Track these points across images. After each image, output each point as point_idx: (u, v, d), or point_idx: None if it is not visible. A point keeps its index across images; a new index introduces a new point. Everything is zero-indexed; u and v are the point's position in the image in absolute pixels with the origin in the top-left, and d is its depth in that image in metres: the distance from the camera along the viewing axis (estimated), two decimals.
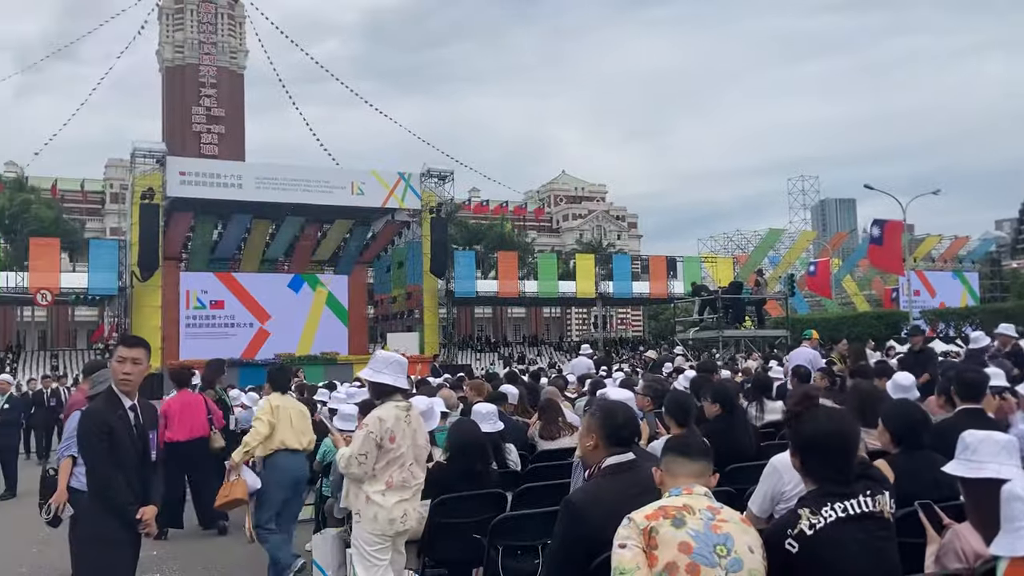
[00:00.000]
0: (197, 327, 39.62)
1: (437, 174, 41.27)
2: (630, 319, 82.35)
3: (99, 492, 4.60)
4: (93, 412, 4.71)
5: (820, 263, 49.84)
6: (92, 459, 4.66)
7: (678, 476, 3.06)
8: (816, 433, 3.08)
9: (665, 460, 3.16)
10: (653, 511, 2.85)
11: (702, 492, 2.95)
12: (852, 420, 3.30)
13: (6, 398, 14.03)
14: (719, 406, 6.40)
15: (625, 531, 2.83)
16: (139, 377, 4.74)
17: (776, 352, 20.99)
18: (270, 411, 7.13)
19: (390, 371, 5.03)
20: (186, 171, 36.75)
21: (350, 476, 4.95)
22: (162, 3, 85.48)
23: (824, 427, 3.10)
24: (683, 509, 2.84)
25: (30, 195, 59.22)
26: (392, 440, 4.93)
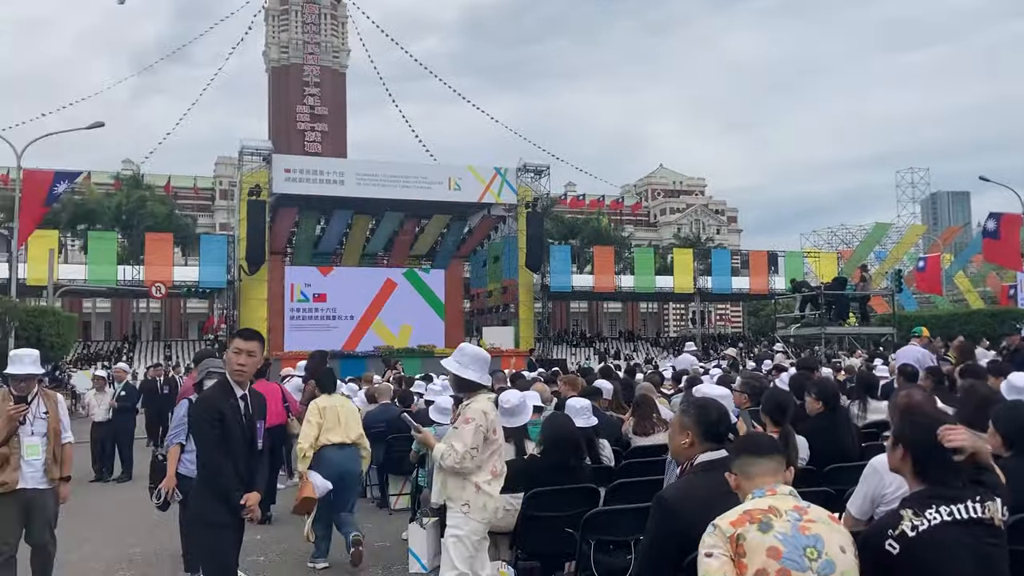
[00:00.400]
0: (301, 319, 40.77)
1: (533, 169, 41.37)
2: (729, 315, 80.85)
3: (208, 477, 4.82)
4: (206, 399, 4.99)
5: (930, 258, 47.79)
6: (202, 445, 4.89)
7: (754, 477, 2.98)
8: (928, 432, 2.97)
9: (737, 463, 3.08)
10: (738, 516, 2.77)
11: (787, 491, 2.88)
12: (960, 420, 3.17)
13: (123, 386, 14.75)
14: (822, 403, 6.26)
15: (711, 539, 2.77)
16: (252, 368, 4.98)
17: (881, 350, 20.28)
18: (317, 413, 7.71)
19: (476, 367, 5.14)
20: (291, 168, 37.89)
21: (463, 470, 4.93)
22: (268, 5, 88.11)
23: (933, 426, 2.99)
24: (769, 512, 2.76)
25: (145, 192, 62.00)
26: (494, 432, 5.09)
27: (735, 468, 3.08)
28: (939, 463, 2.89)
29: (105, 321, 69.99)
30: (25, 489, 5.95)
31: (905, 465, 3.00)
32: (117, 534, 9.72)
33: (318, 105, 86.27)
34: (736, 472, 3.07)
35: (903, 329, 24.91)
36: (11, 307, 24.77)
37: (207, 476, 4.82)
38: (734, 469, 3.08)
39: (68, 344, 31.69)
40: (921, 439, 2.97)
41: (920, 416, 3.11)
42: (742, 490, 3.01)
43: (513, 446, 6.12)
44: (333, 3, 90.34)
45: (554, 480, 5.42)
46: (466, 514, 4.95)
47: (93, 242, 43.84)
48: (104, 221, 55.61)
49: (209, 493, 4.79)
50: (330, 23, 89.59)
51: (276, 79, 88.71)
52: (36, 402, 6.18)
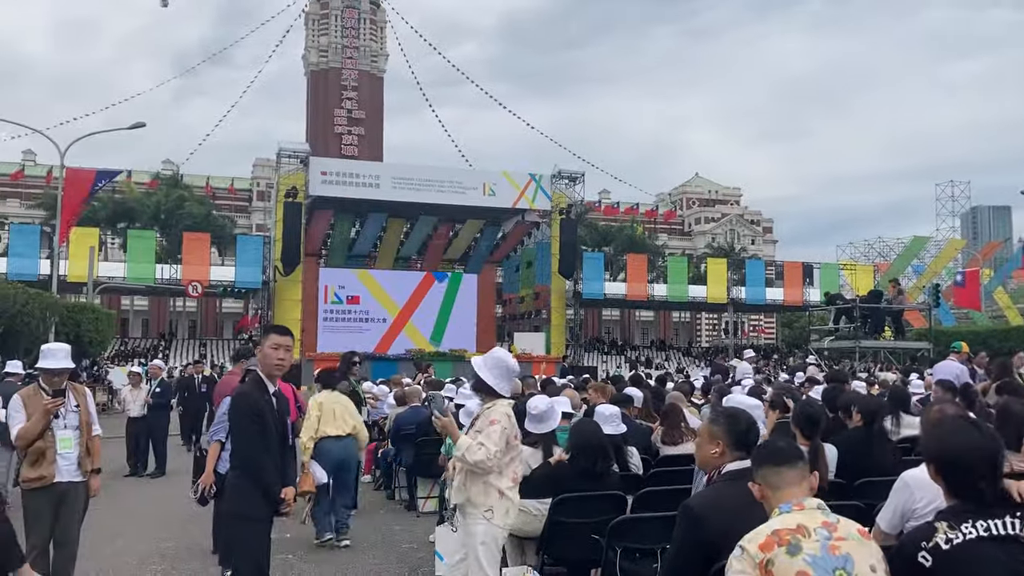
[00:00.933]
0: (334, 321, 41.05)
1: (568, 175, 41.35)
2: (763, 326, 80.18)
3: (250, 472, 4.81)
4: (246, 395, 4.92)
5: (969, 273, 47.08)
6: (244, 440, 4.87)
7: (780, 488, 2.95)
8: (960, 446, 2.89)
9: (762, 473, 3.04)
10: (766, 539, 2.72)
11: (815, 505, 2.83)
12: (996, 436, 3.10)
13: (158, 382, 14.98)
14: (861, 417, 6.22)
15: (739, 563, 2.73)
16: (289, 363, 5.05)
17: (916, 365, 20.00)
18: (316, 408, 8.46)
19: (497, 373, 5.03)
20: (327, 171, 38.20)
21: (485, 470, 4.81)
22: (308, 9, 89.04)
23: (967, 440, 2.90)
24: (797, 531, 2.71)
25: (184, 192, 62.87)
26: (516, 437, 5.03)
27: (759, 478, 3.05)
28: (965, 480, 2.84)
29: (142, 318, 71.07)
30: (60, 482, 5.97)
31: (938, 480, 2.96)
32: (150, 528, 9.86)
33: (355, 109, 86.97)
34: (760, 482, 3.04)
35: (940, 344, 24.56)
36: (52, 303, 25.23)
37: (250, 471, 4.80)
38: (758, 479, 3.05)
39: (106, 340, 32.23)
40: (946, 456, 2.90)
41: (944, 431, 3.04)
42: (767, 501, 2.97)
43: (541, 452, 6.14)
44: (372, 8, 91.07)
45: (581, 486, 5.42)
46: (489, 520, 4.87)
47: (132, 240, 44.53)
48: (143, 220, 56.48)
49: (249, 488, 4.78)
50: (369, 28, 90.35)
51: (315, 82, 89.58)
52: (67, 396, 6.22)
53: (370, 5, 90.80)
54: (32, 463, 5.90)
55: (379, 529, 9.56)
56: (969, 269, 49.99)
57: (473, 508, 4.91)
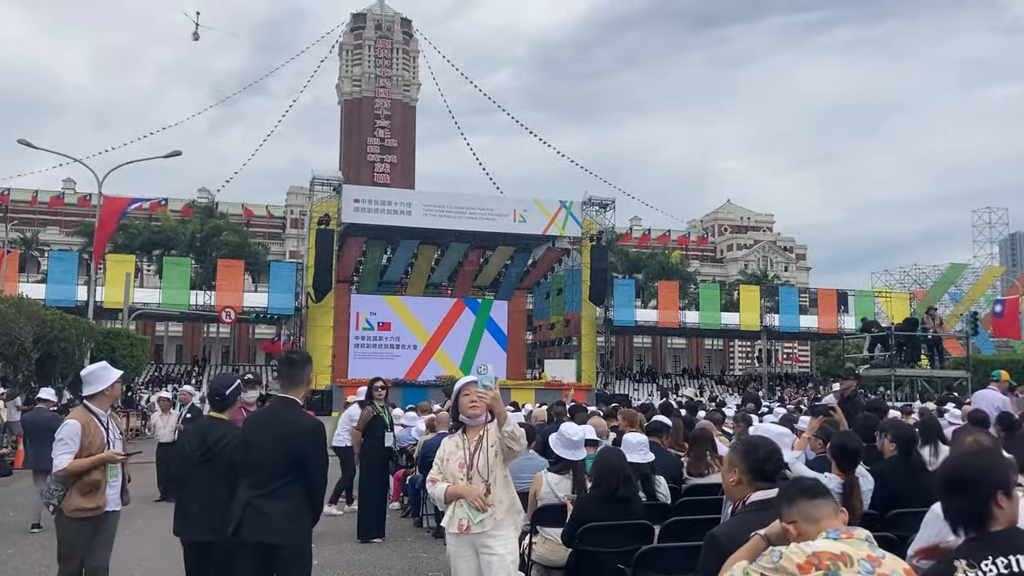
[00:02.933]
0: (365, 347, 41.28)
1: (598, 202, 41.41)
2: (797, 354, 79.27)
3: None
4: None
5: (1008, 301, 46.16)
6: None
7: (820, 520, 2.81)
8: (960, 470, 2.78)
9: (797, 508, 2.89)
10: (806, 559, 2.57)
11: (863, 536, 2.68)
12: (998, 458, 2.91)
13: (188, 408, 15.08)
14: (895, 446, 6.09)
15: (768, 565, 2.62)
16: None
17: (953, 394, 19.60)
18: None
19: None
20: (360, 198, 38.62)
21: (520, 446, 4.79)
22: (342, 40, 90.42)
23: (970, 464, 2.78)
24: (839, 558, 2.56)
25: (220, 221, 63.77)
26: None
27: (795, 516, 2.89)
28: (970, 514, 2.71)
29: (176, 344, 71.86)
30: (108, 512, 5.88)
31: (946, 512, 2.86)
32: (179, 552, 9.87)
33: (388, 137, 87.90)
34: (797, 519, 2.87)
35: (978, 373, 24.09)
36: (88, 329, 25.59)
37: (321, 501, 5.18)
38: (794, 517, 2.89)
39: (141, 366, 32.58)
40: (952, 489, 2.78)
41: (957, 464, 2.88)
42: (803, 536, 2.80)
43: (571, 480, 6.08)
44: (405, 38, 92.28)
45: (605, 514, 5.35)
46: (511, 539, 4.82)
47: (168, 267, 45.22)
48: (179, 247, 57.32)
49: (315, 518, 5.02)
50: (402, 57, 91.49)
51: (348, 111, 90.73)
52: (111, 423, 6.05)
53: (403, 35, 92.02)
54: (85, 493, 5.68)
55: (406, 556, 9.51)
56: (1008, 297, 49.06)
57: (499, 529, 4.74)
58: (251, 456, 4.88)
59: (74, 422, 5.74)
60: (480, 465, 4.73)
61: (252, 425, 5.13)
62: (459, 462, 4.77)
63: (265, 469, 4.77)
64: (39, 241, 63.13)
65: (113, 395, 6.02)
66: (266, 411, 5.29)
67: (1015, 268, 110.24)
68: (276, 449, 4.80)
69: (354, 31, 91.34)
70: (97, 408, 5.89)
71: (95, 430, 5.75)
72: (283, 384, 5.14)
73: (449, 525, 4.82)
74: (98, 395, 5.89)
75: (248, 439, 4.97)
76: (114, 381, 5.94)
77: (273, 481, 4.76)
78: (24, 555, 9.56)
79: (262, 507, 4.71)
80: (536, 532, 6.00)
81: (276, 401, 5.14)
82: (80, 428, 5.68)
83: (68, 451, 5.63)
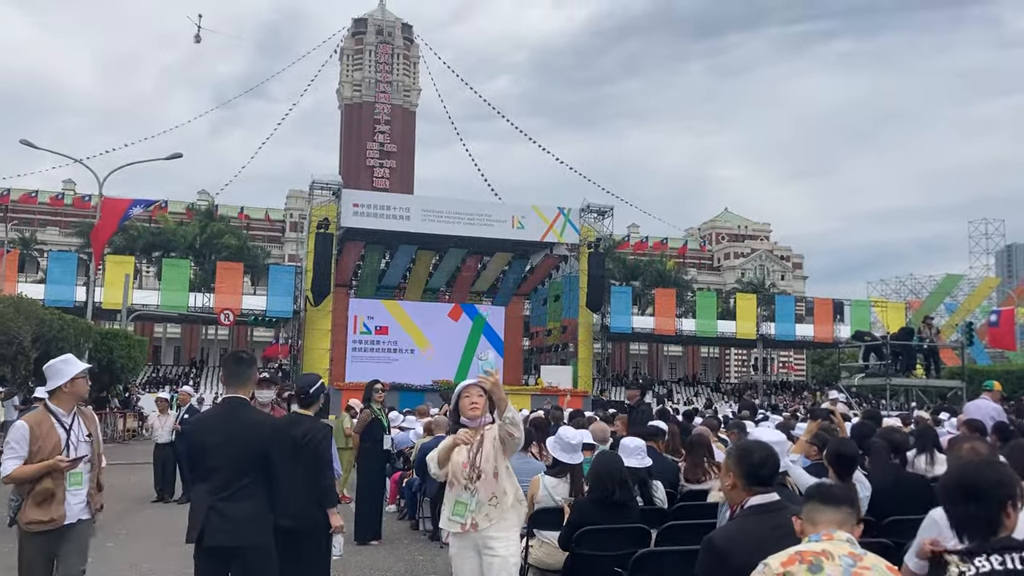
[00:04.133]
0: (362, 351, 41.27)
1: (596, 209, 41.44)
2: (792, 362, 79.32)
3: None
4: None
5: (1004, 312, 46.28)
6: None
7: (819, 524, 2.92)
8: (973, 479, 2.86)
9: (806, 508, 3.03)
10: (789, 557, 2.71)
11: (844, 538, 2.80)
12: (1007, 469, 3.00)
13: (186, 409, 15.12)
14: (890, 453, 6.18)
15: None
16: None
17: (948, 404, 19.67)
18: None
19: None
20: (359, 203, 38.62)
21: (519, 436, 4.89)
22: (343, 45, 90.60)
23: (983, 473, 2.87)
24: (821, 555, 2.69)
25: (220, 224, 63.81)
26: None
27: (803, 513, 3.03)
28: (981, 523, 2.78)
29: (174, 346, 71.81)
30: (72, 524, 5.22)
31: (950, 517, 2.92)
32: (176, 555, 9.91)
33: (388, 142, 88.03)
34: (803, 517, 3.01)
35: (974, 383, 24.16)
36: (86, 329, 25.59)
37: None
38: (802, 514, 3.03)
39: (138, 367, 32.59)
40: (962, 497, 2.85)
41: (969, 472, 2.94)
42: (805, 535, 2.94)
43: (568, 483, 6.12)
44: (406, 44, 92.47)
45: (601, 518, 5.39)
46: (513, 541, 4.91)
47: (167, 269, 45.17)
48: (179, 249, 57.32)
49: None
50: (402, 63, 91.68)
51: (348, 116, 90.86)
52: (76, 423, 5.32)
53: (404, 41, 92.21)
54: (38, 503, 5.07)
55: (403, 559, 9.55)
56: (1004, 308, 49.20)
57: (504, 531, 4.82)
58: (208, 459, 4.79)
59: (22, 424, 5.22)
60: (482, 462, 4.79)
61: (204, 428, 5.02)
62: (462, 461, 4.83)
63: (225, 471, 4.72)
64: (38, 241, 63.12)
65: (76, 392, 5.31)
66: (217, 413, 5.15)
67: (1011, 279, 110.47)
68: (236, 450, 4.74)
69: (355, 36, 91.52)
70: (57, 407, 5.25)
71: (48, 432, 5.14)
72: (231, 383, 5.09)
73: (450, 525, 4.87)
74: (58, 392, 5.26)
75: (203, 441, 4.86)
76: (75, 375, 5.24)
77: (234, 483, 4.71)
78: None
79: (224, 510, 4.66)
80: (533, 535, 6.04)
81: (227, 401, 5.03)
82: (28, 431, 5.11)
83: (14, 456, 5.08)
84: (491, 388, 4.77)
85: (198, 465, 4.90)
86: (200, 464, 4.89)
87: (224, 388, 5.27)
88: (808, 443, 6.96)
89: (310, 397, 5.86)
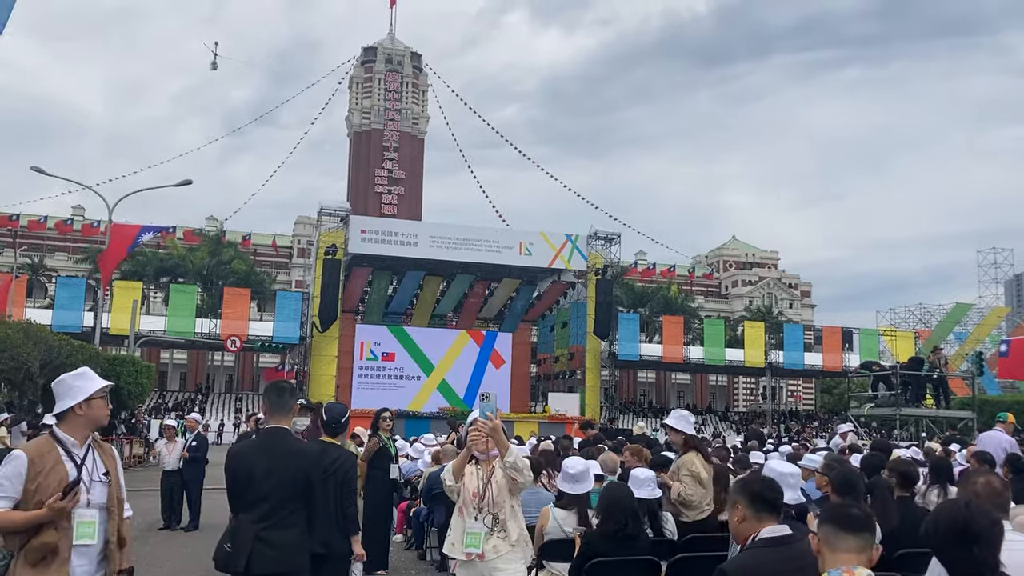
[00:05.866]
0: (369, 377, 41.30)
1: (604, 236, 41.55)
2: (801, 391, 78.95)
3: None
4: None
5: (1014, 341, 45.93)
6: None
7: (837, 551, 2.90)
8: (963, 522, 2.81)
9: (824, 530, 3.00)
10: None
11: (864, 575, 2.78)
12: (988, 510, 2.95)
13: (194, 436, 15.09)
14: (897, 482, 6.12)
15: None
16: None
17: (958, 435, 19.52)
18: None
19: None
20: (367, 229, 38.82)
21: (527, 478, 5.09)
22: (352, 73, 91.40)
23: (974, 518, 2.82)
24: None
25: (228, 250, 64.07)
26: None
27: (821, 533, 3.00)
28: (983, 566, 2.73)
29: (180, 372, 71.86)
30: None
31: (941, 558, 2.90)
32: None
33: (396, 169, 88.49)
34: (821, 537, 2.98)
35: (984, 413, 24.00)
36: (94, 355, 25.64)
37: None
38: (820, 533, 3.00)
39: (145, 393, 32.60)
40: (958, 542, 2.81)
41: (944, 514, 2.89)
42: (822, 557, 2.93)
43: (575, 515, 6.07)
44: (415, 72, 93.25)
45: (612, 550, 5.34)
46: (520, 572, 4.97)
47: (174, 295, 45.34)
48: (187, 275, 57.51)
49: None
50: (411, 91, 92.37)
51: (357, 143, 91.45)
52: (91, 457, 3.98)
53: (413, 69, 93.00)
54: (35, 563, 3.72)
55: None
56: (1014, 338, 48.93)
57: (516, 553, 4.93)
58: (252, 488, 4.77)
59: (19, 455, 3.85)
60: (492, 495, 4.89)
61: (247, 458, 4.96)
62: (473, 491, 4.92)
63: (271, 500, 4.73)
64: (46, 267, 63.45)
65: (93, 416, 3.99)
66: (260, 443, 5.08)
67: (1020, 308, 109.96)
68: (281, 479, 4.75)
69: (364, 64, 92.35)
70: (67, 435, 3.92)
71: (53, 467, 3.81)
72: (273, 413, 5.05)
73: (455, 552, 4.93)
74: (69, 415, 3.95)
75: (248, 471, 4.83)
76: (92, 394, 3.97)
77: (280, 511, 4.74)
78: None
79: (270, 538, 4.68)
80: (543, 567, 5.99)
81: (268, 431, 5.00)
82: (26, 465, 3.78)
83: (2, 496, 3.74)
84: (489, 434, 4.88)
85: (242, 495, 4.86)
86: (244, 494, 4.85)
87: (266, 418, 5.22)
88: (820, 475, 6.92)
89: (341, 426, 6.07)
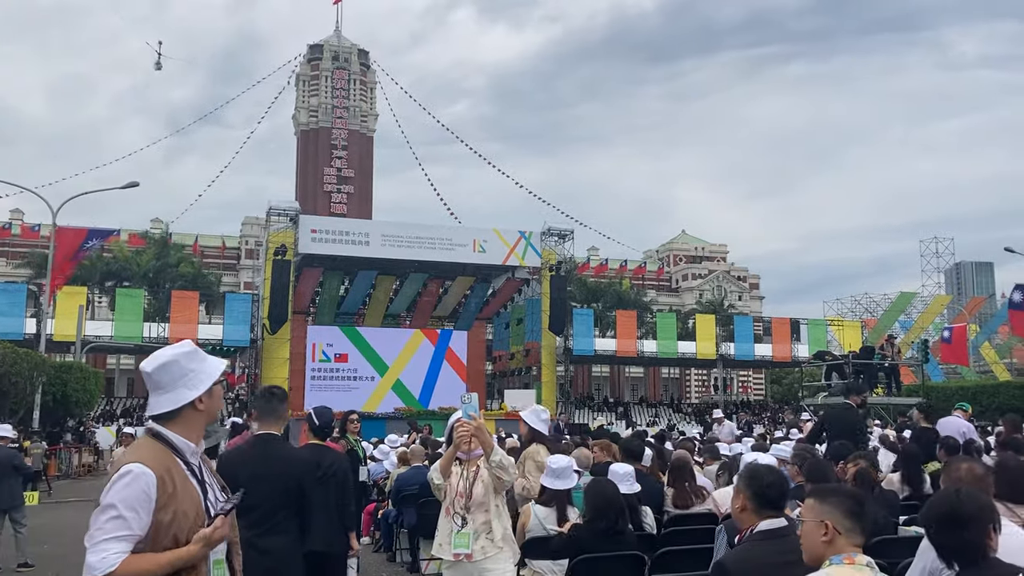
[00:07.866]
0: (322, 379, 40.79)
1: (557, 233, 41.66)
2: (751, 382, 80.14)
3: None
4: None
5: (956, 329, 47.29)
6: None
7: (844, 533, 2.91)
8: (954, 506, 2.88)
9: (839, 513, 2.97)
10: None
11: (864, 562, 2.81)
12: (978, 495, 3.02)
13: None
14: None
15: None
16: None
17: (907, 421, 19.96)
18: None
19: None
20: (317, 229, 38.34)
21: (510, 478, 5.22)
22: (299, 71, 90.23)
23: (964, 503, 2.88)
24: None
25: (175, 252, 62.83)
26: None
27: (825, 516, 2.96)
28: (970, 550, 2.80)
29: (128, 377, 70.27)
30: None
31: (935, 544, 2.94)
32: None
33: (345, 168, 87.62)
34: (832, 519, 2.95)
35: (930, 400, 24.56)
36: (39, 362, 24.96)
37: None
38: (824, 517, 2.96)
39: (93, 400, 31.85)
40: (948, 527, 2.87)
41: (953, 502, 2.93)
42: (828, 538, 2.90)
43: (555, 511, 6.02)
44: (363, 69, 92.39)
45: (600, 547, 5.33)
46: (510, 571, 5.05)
47: (120, 299, 44.30)
48: (133, 279, 56.27)
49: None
50: (359, 88, 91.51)
51: (305, 142, 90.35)
52: (206, 470, 2.96)
53: (360, 67, 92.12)
54: None
55: None
56: (956, 324, 50.29)
57: (504, 552, 5.01)
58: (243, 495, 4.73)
59: (144, 472, 2.65)
60: (477, 495, 4.94)
61: (236, 464, 4.88)
62: (457, 491, 4.97)
63: (262, 507, 4.65)
64: None
65: (213, 411, 2.96)
66: (251, 450, 5.02)
67: (960, 296, 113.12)
68: (273, 486, 4.69)
69: (311, 62, 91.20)
70: (182, 440, 2.84)
71: (184, 488, 2.75)
72: (263, 419, 5.00)
73: (443, 553, 5.00)
74: (187, 411, 2.87)
75: (237, 478, 4.59)
76: (216, 380, 2.96)
77: (271, 518, 4.68)
78: None
79: (261, 544, 4.60)
80: (524, 565, 5.95)
81: (259, 437, 4.95)
82: (156, 485, 2.66)
83: (121, 534, 2.58)
84: (474, 433, 4.96)
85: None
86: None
87: (256, 424, 5.20)
88: (791, 464, 6.99)
89: (330, 429, 6.38)
